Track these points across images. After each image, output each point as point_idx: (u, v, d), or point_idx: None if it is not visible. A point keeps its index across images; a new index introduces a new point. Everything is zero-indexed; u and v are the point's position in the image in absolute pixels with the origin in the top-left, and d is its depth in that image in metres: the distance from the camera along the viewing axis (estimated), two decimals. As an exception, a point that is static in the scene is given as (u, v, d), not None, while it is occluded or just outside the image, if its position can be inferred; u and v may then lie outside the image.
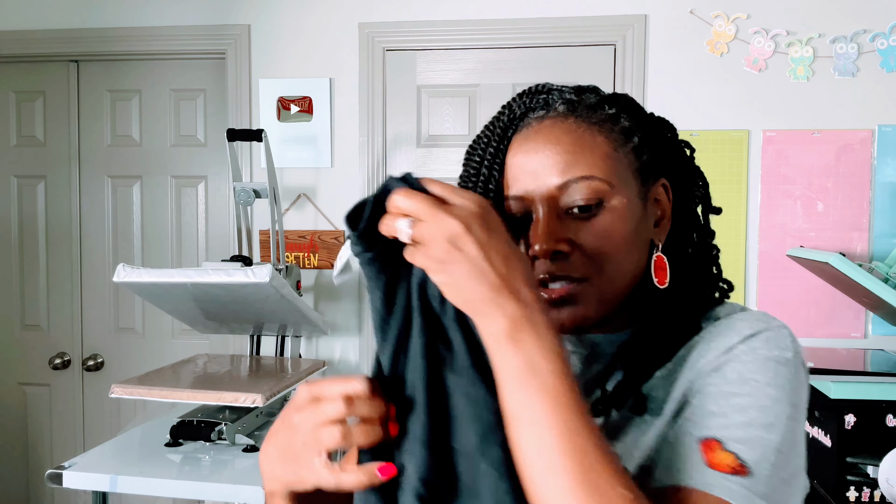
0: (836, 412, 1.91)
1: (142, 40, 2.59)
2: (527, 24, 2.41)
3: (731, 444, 0.63)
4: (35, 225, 2.77)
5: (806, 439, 0.62)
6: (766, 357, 0.68)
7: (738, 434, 0.64)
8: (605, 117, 0.74)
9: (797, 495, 0.66)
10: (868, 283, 1.93)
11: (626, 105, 0.76)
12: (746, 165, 2.35)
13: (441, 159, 2.51)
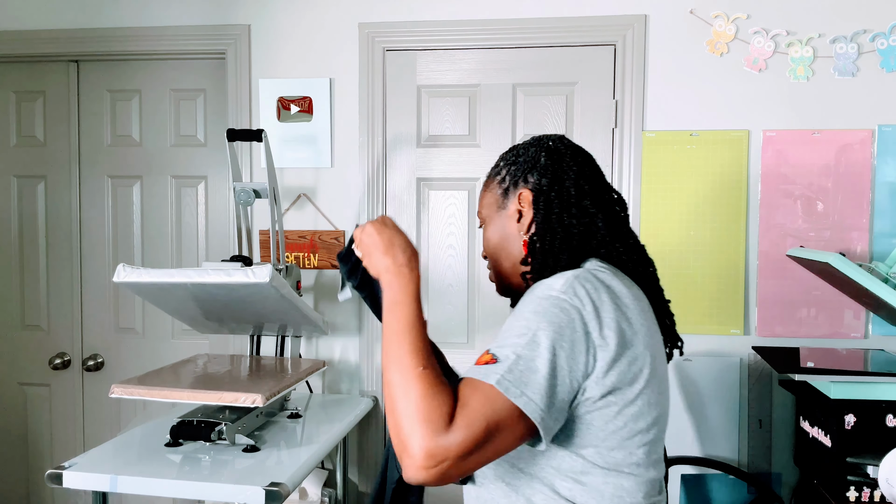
0: (836, 412, 1.91)
1: (142, 40, 2.59)
2: (527, 24, 2.41)
3: (492, 349, 0.97)
4: (35, 225, 2.77)
5: (806, 439, 0.71)
6: (536, 295, 0.99)
7: (498, 342, 0.97)
8: (493, 171, 1.21)
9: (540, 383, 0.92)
10: (868, 283, 1.93)
11: (508, 153, 1.20)
12: (746, 165, 2.35)
13: (441, 159, 2.51)
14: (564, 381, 0.94)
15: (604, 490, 0.99)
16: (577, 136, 2.44)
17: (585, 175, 1.12)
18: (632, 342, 0.98)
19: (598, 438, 0.98)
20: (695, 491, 2.42)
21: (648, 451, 1.02)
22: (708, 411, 2.39)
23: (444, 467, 0.89)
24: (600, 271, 1.04)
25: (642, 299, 1.08)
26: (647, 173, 2.38)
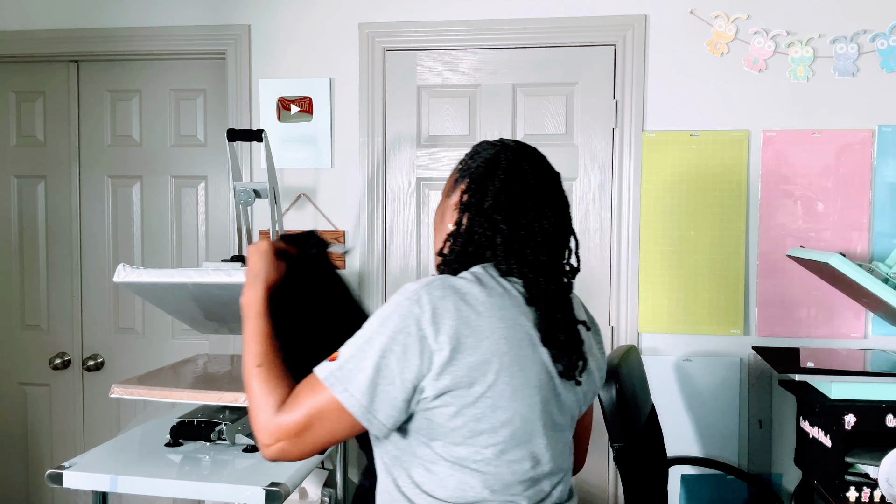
0: (836, 412, 1.91)
1: (142, 40, 2.59)
2: (527, 24, 2.41)
3: (341, 347, 1.09)
4: (35, 225, 2.77)
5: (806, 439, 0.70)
6: (392, 299, 1.09)
7: (348, 341, 1.09)
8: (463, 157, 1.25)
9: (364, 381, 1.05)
10: (868, 284, 1.93)
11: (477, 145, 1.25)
12: (746, 165, 2.35)
13: (441, 159, 2.51)
14: (395, 381, 1.04)
15: (448, 482, 1.10)
16: (577, 136, 2.44)
17: (507, 191, 1.16)
18: (472, 348, 1.05)
19: (441, 433, 1.08)
20: (695, 491, 2.42)
21: (500, 452, 1.09)
22: (708, 411, 2.39)
23: (282, 445, 1.08)
24: (462, 279, 1.11)
25: (510, 309, 1.10)
26: (647, 173, 2.38)
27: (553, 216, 1.20)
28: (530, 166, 1.19)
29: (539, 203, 1.18)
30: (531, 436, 1.11)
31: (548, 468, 1.16)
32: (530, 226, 1.16)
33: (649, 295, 2.40)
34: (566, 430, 1.21)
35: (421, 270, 2.53)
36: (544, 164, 1.22)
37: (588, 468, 2.48)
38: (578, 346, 1.16)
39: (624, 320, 2.41)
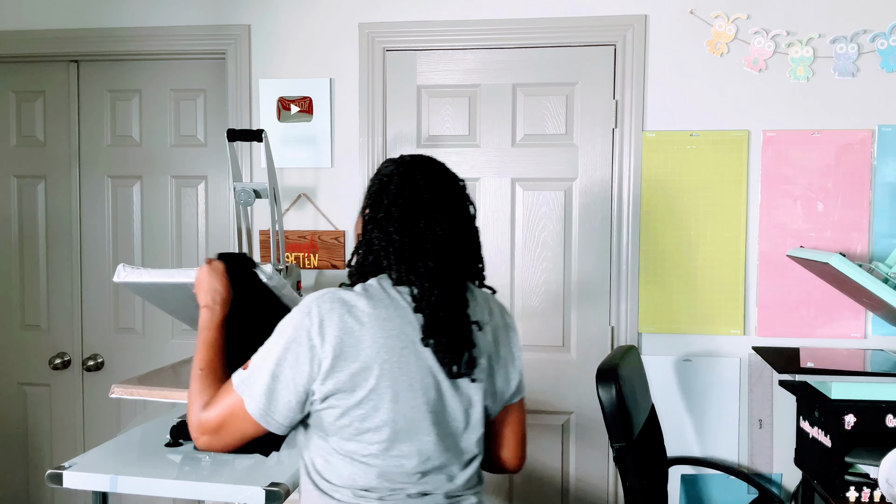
0: (836, 412, 1.91)
1: (142, 40, 2.59)
2: (527, 24, 2.41)
3: (253, 356, 1.25)
4: (35, 225, 2.77)
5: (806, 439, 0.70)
6: (290, 313, 1.23)
7: (258, 351, 1.24)
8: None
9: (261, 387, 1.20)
10: (868, 284, 1.93)
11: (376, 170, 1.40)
12: (746, 165, 2.34)
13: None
14: (289, 386, 1.20)
15: (342, 471, 1.24)
16: (577, 136, 2.44)
17: (398, 203, 1.27)
18: (353, 356, 1.18)
19: (332, 431, 1.23)
20: (695, 491, 2.42)
21: (385, 448, 1.22)
22: (708, 411, 2.39)
23: (206, 439, 1.25)
24: (352, 292, 1.24)
25: (394, 319, 1.22)
26: (647, 173, 2.38)
27: (447, 223, 1.28)
28: (424, 179, 1.30)
29: (432, 212, 1.27)
30: (416, 433, 1.23)
31: (439, 462, 1.26)
32: (422, 234, 1.25)
33: (649, 295, 2.40)
34: (467, 426, 1.29)
35: (421, 270, 2.53)
36: (440, 175, 1.33)
37: (588, 468, 2.48)
38: (465, 346, 1.24)
39: (624, 320, 2.41)
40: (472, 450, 1.32)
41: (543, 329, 2.48)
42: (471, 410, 1.29)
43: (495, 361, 1.33)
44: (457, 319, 1.25)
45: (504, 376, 1.35)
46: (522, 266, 2.49)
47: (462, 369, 1.24)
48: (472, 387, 1.28)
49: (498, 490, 2.53)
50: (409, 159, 1.34)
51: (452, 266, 1.28)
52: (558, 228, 2.46)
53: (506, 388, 1.36)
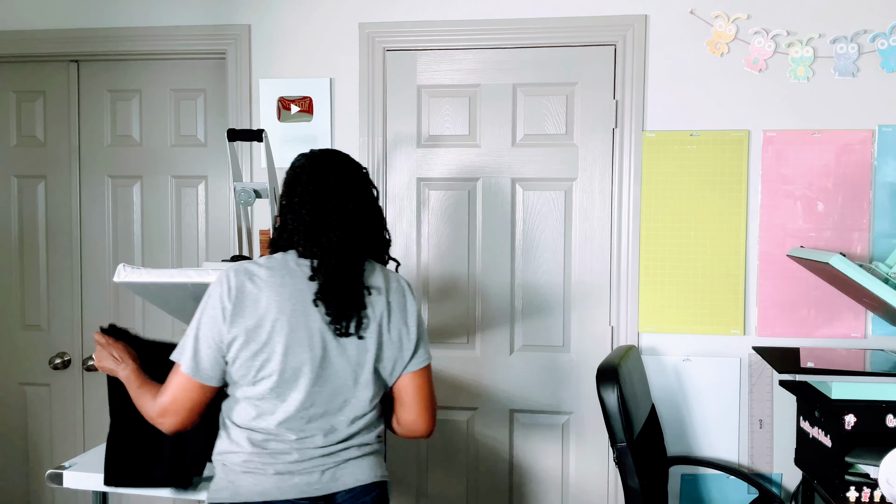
0: (836, 412, 1.91)
1: (142, 40, 2.59)
2: (527, 24, 2.41)
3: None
4: (35, 225, 2.77)
5: (806, 439, 0.70)
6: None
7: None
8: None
9: (189, 348, 1.47)
10: (868, 284, 1.93)
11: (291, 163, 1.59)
12: (746, 165, 2.35)
13: (441, 159, 2.51)
14: (209, 343, 1.45)
15: (242, 413, 1.47)
16: (577, 136, 2.44)
17: (309, 191, 1.49)
18: (250, 315, 1.43)
19: (236, 378, 1.47)
20: (695, 491, 2.42)
21: (276, 395, 1.45)
22: (708, 411, 2.39)
23: (169, 419, 1.48)
24: (256, 263, 1.49)
25: (288, 285, 1.46)
26: (647, 173, 2.38)
27: (351, 205, 1.50)
28: (331, 168, 1.52)
29: (337, 196, 1.49)
30: (301, 383, 1.45)
31: (321, 410, 1.47)
32: (328, 215, 1.47)
33: (649, 295, 2.40)
34: (356, 384, 1.50)
35: (421, 270, 2.53)
36: (346, 165, 1.54)
37: (588, 468, 2.48)
38: (353, 309, 1.46)
39: (624, 320, 2.41)
40: (361, 407, 1.51)
41: (543, 329, 2.48)
42: (359, 370, 1.49)
43: (387, 328, 1.52)
44: (349, 285, 1.46)
45: (397, 343, 1.53)
46: (522, 266, 2.49)
47: (349, 329, 1.46)
48: (360, 347, 1.48)
49: (498, 489, 2.53)
50: (318, 153, 1.56)
51: (353, 241, 1.49)
52: (558, 228, 2.46)
53: (399, 355, 1.54)
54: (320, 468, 1.47)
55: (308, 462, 1.46)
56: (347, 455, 1.51)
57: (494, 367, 2.51)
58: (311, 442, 1.47)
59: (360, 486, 1.51)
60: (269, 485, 1.44)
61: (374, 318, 1.50)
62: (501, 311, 2.50)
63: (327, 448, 1.48)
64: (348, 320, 1.46)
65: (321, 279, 1.45)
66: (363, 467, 1.52)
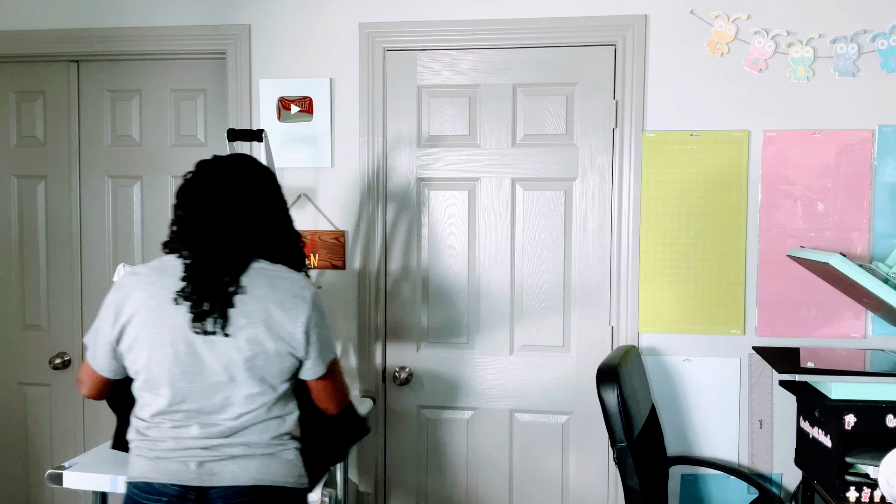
0: (836, 412, 1.91)
1: (142, 40, 2.59)
2: (527, 24, 2.41)
3: None
4: (35, 225, 2.77)
5: (806, 439, 0.69)
6: None
7: None
8: None
9: (91, 343, 1.59)
10: (868, 284, 1.93)
11: None
12: (746, 165, 2.35)
13: (441, 159, 2.51)
14: (102, 339, 1.56)
15: (138, 403, 1.58)
16: (577, 136, 2.44)
17: (189, 195, 1.56)
18: (125, 313, 1.52)
19: (129, 372, 1.57)
20: (695, 491, 2.42)
21: (149, 388, 1.53)
22: (708, 411, 2.39)
23: (79, 386, 1.64)
24: (142, 265, 1.58)
25: (157, 284, 1.52)
26: (647, 173, 2.38)
27: (226, 210, 1.53)
28: (217, 173, 1.56)
29: (217, 201, 1.53)
30: (168, 379, 1.50)
31: (195, 407, 1.51)
32: (203, 219, 1.53)
33: (649, 295, 2.40)
34: (231, 381, 1.50)
35: (421, 270, 2.53)
36: (235, 172, 1.57)
37: (588, 468, 2.48)
38: (218, 308, 1.48)
39: (624, 320, 2.41)
40: (244, 404, 1.52)
41: (543, 329, 2.48)
42: (233, 368, 1.50)
43: (266, 332, 1.51)
44: (212, 285, 1.49)
45: (279, 348, 1.52)
46: (522, 266, 2.49)
47: (207, 328, 1.48)
48: (230, 346, 1.49)
49: (498, 490, 2.53)
50: (209, 159, 1.60)
51: (228, 244, 1.52)
52: (558, 228, 2.46)
53: (284, 361, 1.54)
54: (196, 459, 1.50)
55: (183, 451, 1.50)
56: (230, 452, 1.51)
57: (494, 367, 2.51)
58: (188, 432, 1.51)
59: (237, 487, 1.50)
60: (148, 467, 1.52)
61: (247, 319, 1.50)
62: (501, 311, 2.50)
63: (205, 441, 1.51)
64: (205, 318, 1.48)
65: (190, 279, 1.50)
66: (247, 469, 1.51)
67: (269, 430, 1.54)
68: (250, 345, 1.49)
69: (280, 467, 1.55)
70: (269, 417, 1.54)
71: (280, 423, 1.56)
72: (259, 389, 1.52)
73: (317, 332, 1.56)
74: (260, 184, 1.59)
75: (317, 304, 1.58)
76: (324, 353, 1.59)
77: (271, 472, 1.53)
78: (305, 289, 1.57)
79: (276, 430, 1.56)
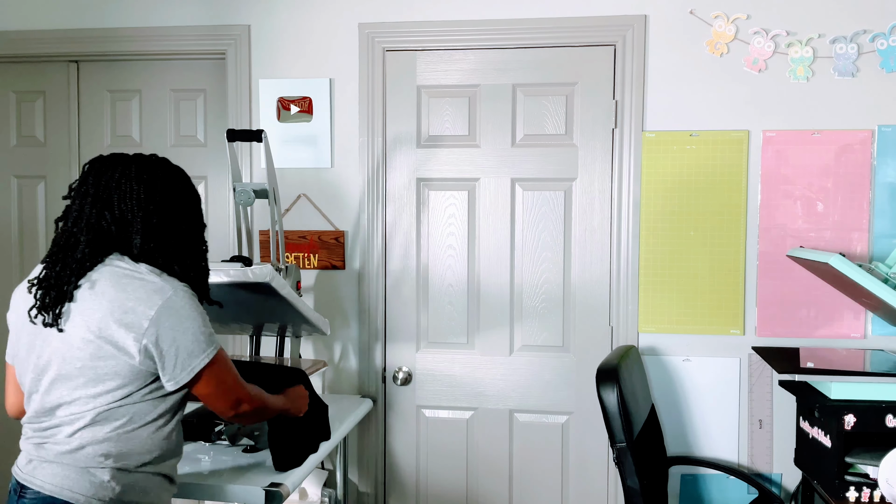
0: (836, 412, 1.91)
1: (142, 40, 2.59)
2: (527, 24, 2.41)
3: None
4: (35, 225, 2.77)
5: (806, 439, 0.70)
6: None
7: None
8: None
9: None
10: (868, 284, 1.93)
11: None
12: (746, 165, 2.35)
13: (441, 159, 2.51)
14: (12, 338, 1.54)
15: None
16: (577, 136, 2.44)
17: (72, 197, 1.50)
18: (7, 316, 1.54)
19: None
20: (695, 491, 2.42)
21: (20, 375, 1.50)
22: (708, 411, 2.39)
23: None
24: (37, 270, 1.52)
25: (25, 284, 1.51)
26: (647, 173, 2.38)
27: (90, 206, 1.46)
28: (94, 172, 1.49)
29: (84, 198, 1.47)
30: (24, 369, 1.48)
31: (39, 402, 1.45)
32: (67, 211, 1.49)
33: (649, 295, 2.40)
34: (62, 375, 1.42)
35: (421, 270, 2.53)
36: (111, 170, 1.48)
37: (588, 468, 2.48)
38: (52, 301, 1.43)
39: (624, 320, 2.41)
40: (75, 406, 1.42)
41: (543, 329, 2.48)
42: (64, 366, 1.42)
43: (102, 334, 1.40)
44: (57, 278, 1.44)
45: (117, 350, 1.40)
46: (522, 266, 2.49)
47: (50, 321, 1.42)
48: (64, 342, 1.42)
49: (498, 489, 2.53)
50: (95, 158, 1.52)
51: (81, 237, 1.45)
52: (558, 228, 2.46)
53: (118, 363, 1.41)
54: (28, 455, 1.45)
55: (25, 443, 1.48)
56: (45, 454, 1.43)
57: (494, 367, 2.51)
58: (28, 427, 1.48)
59: (41, 496, 1.40)
60: (22, 456, 1.49)
61: (82, 317, 1.41)
62: (501, 311, 2.50)
63: (35, 437, 1.46)
64: (43, 311, 1.43)
65: (39, 275, 1.48)
66: (56, 476, 1.41)
67: (97, 444, 1.41)
68: (83, 346, 1.40)
69: (88, 485, 1.40)
70: (95, 422, 1.42)
71: (114, 430, 1.42)
72: (89, 392, 1.41)
73: (169, 338, 1.41)
74: (139, 182, 1.47)
75: (172, 310, 1.41)
76: (184, 361, 1.43)
77: (78, 487, 1.40)
78: (157, 293, 1.42)
79: (100, 441, 1.42)
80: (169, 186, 1.51)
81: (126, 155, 1.52)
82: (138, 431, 1.44)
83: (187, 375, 1.44)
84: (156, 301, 1.41)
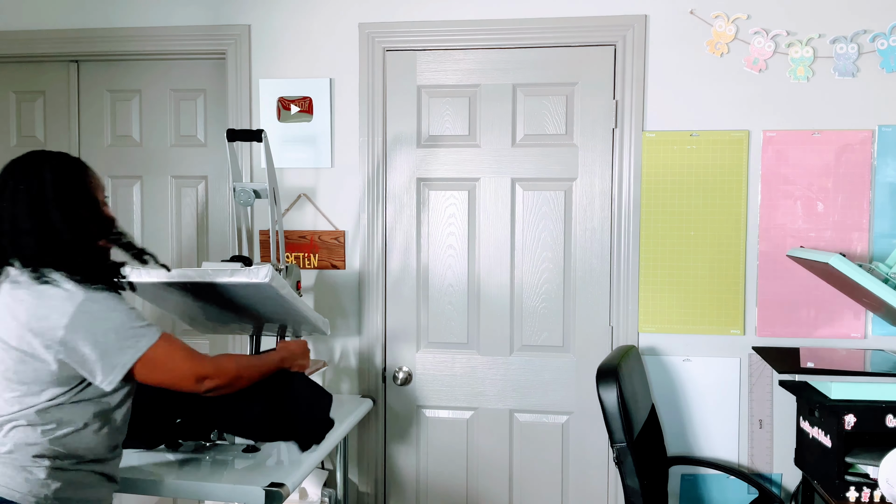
0: (836, 412, 1.91)
1: (142, 40, 2.59)
2: (527, 24, 2.41)
3: None
4: (35, 225, 2.77)
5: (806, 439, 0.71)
6: None
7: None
8: None
9: None
10: (868, 284, 1.93)
11: None
12: (746, 165, 2.35)
13: (441, 159, 2.51)
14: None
15: None
16: (577, 136, 2.44)
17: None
18: None
19: None
20: (695, 491, 2.42)
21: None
22: (708, 411, 2.39)
23: None
24: None
25: None
26: (647, 173, 2.38)
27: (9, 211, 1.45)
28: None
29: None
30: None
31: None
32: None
33: (649, 295, 2.40)
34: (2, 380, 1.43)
35: (421, 270, 2.53)
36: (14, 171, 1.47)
37: (588, 468, 2.48)
38: None
39: (624, 320, 2.41)
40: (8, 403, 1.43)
41: (543, 329, 2.48)
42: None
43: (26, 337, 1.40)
44: None
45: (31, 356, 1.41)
46: (522, 266, 2.49)
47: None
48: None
49: (498, 489, 2.53)
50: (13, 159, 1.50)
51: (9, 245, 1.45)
52: (558, 228, 2.46)
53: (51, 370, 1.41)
54: None
55: None
56: None
57: (494, 367, 2.51)
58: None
59: None
60: None
61: (4, 323, 1.43)
62: (501, 311, 2.50)
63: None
64: None
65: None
66: None
67: (24, 441, 1.42)
68: (6, 349, 1.42)
69: (24, 482, 1.40)
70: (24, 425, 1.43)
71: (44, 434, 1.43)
72: (14, 395, 1.43)
73: (90, 343, 1.40)
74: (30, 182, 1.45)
75: (87, 314, 1.41)
76: (112, 361, 1.42)
77: (14, 484, 1.40)
78: (69, 300, 1.41)
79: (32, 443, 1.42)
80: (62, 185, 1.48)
81: (29, 155, 1.50)
82: (72, 435, 1.44)
83: (119, 373, 1.43)
84: (68, 309, 1.40)
